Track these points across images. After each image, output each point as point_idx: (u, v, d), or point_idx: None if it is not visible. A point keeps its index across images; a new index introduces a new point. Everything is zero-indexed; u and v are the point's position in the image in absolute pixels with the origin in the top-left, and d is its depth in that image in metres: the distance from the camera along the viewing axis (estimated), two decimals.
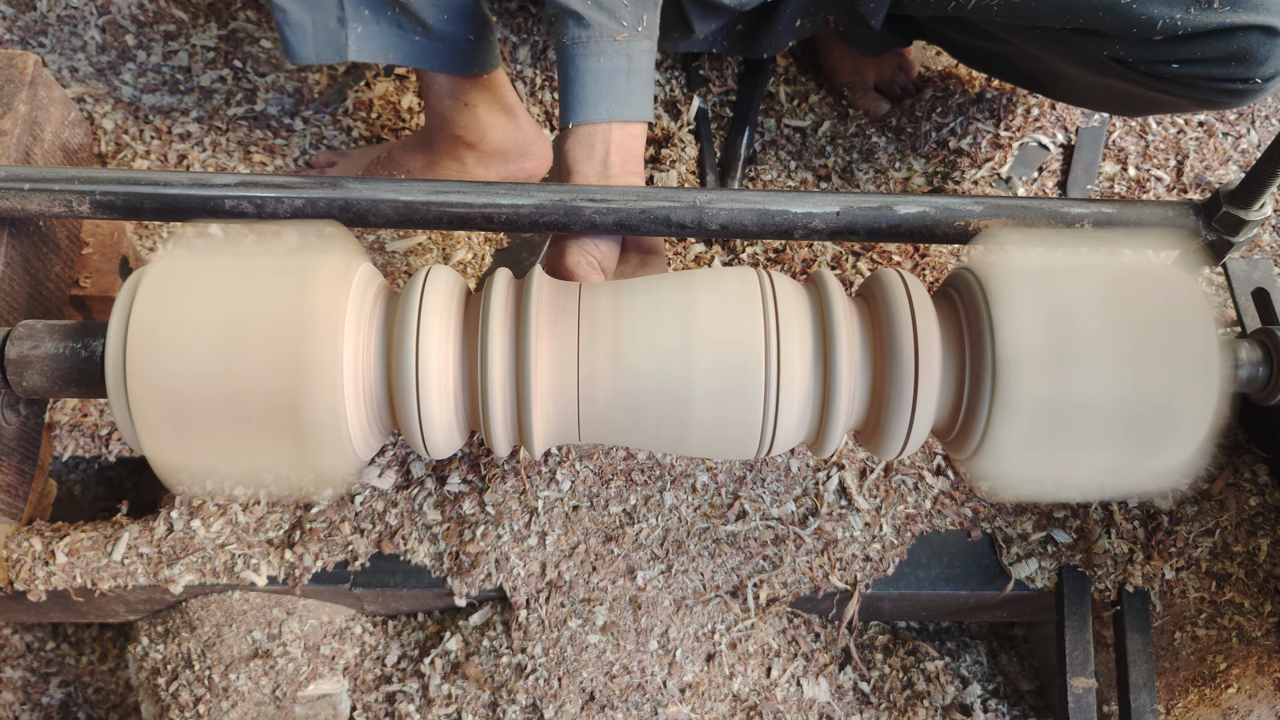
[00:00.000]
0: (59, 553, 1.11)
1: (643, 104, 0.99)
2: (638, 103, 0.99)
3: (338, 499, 1.15)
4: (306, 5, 1.10)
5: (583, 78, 0.97)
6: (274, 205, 0.95)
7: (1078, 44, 1.05)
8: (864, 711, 1.20)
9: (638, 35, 0.98)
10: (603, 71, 0.97)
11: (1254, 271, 1.10)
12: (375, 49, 1.14)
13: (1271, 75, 0.97)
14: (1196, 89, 1.02)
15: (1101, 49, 1.02)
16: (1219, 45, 0.96)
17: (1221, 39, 0.95)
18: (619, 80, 0.97)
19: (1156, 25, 0.96)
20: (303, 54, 1.13)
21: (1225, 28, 0.94)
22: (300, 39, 1.12)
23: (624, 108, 0.97)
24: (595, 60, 0.96)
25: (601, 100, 0.97)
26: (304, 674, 1.16)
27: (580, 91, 0.97)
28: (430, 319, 0.77)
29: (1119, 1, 0.97)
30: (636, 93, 0.99)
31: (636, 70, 0.99)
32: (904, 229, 0.97)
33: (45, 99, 1.07)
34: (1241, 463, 1.15)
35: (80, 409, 1.20)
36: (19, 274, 1.00)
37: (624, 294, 0.83)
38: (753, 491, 1.16)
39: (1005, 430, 0.77)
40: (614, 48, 0.97)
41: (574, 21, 0.96)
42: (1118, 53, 1.01)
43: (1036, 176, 1.42)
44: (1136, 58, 1.01)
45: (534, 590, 1.13)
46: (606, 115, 0.97)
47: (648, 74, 1.00)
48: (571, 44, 0.97)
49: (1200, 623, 1.11)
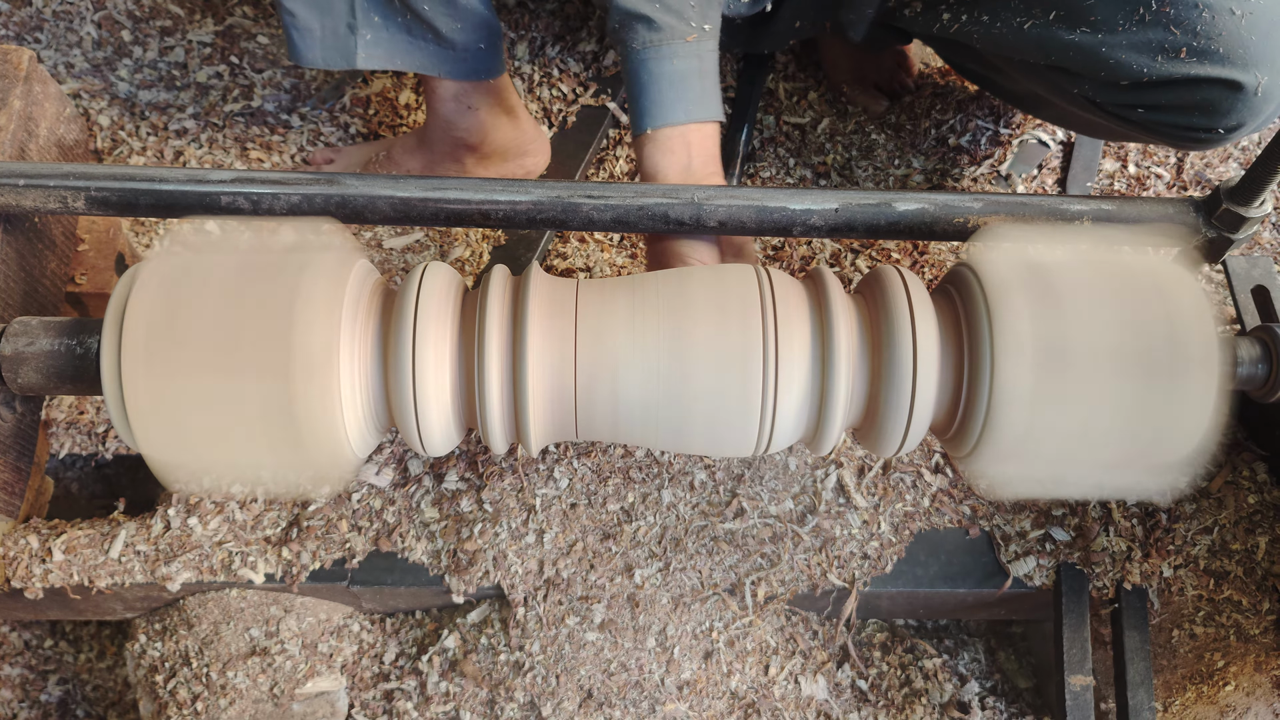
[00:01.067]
0: (56, 550, 1.11)
1: (716, 103, 1.00)
2: (711, 102, 0.99)
3: (335, 497, 1.14)
4: (316, 9, 1.09)
5: (658, 82, 0.97)
6: (270, 201, 0.94)
7: (1053, 79, 1.06)
8: (862, 709, 1.20)
9: (705, 35, 0.98)
10: (677, 74, 0.97)
11: (1254, 269, 1.10)
12: (384, 55, 1.13)
13: (1234, 126, 0.97)
14: (1160, 134, 1.03)
15: (1073, 87, 1.03)
16: (1184, 95, 0.96)
17: (1186, 89, 0.95)
18: (693, 81, 0.98)
19: (1124, 71, 0.96)
20: (310, 58, 1.12)
21: (1190, 79, 0.94)
22: (308, 43, 1.11)
23: (700, 108, 0.98)
24: (669, 63, 0.97)
25: (679, 103, 0.97)
26: (302, 672, 1.16)
27: (657, 96, 0.97)
28: (427, 316, 0.77)
29: (1089, 45, 0.97)
30: (709, 92, 0.99)
31: (707, 71, 0.99)
32: (903, 226, 0.96)
33: (40, 94, 1.07)
34: (1240, 460, 1.15)
35: (77, 406, 1.20)
36: (14, 270, 1.00)
37: (622, 291, 0.82)
38: (751, 489, 1.16)
39: (1004, 427, 0.76)
40: (685, 49, 0.97)
41: (644, 25, 0.96)
42: (1087, 92, 1.02)
43: (1036, 174, 1.42)
44: (1104, 100, 1.02)
45: (532, 588, 1.13)
46: (684, 117, 0.97)
47: (716, 73, 1.01)
48: (643, 48, 0.96)
49: (1198, 620, 1.11)
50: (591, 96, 1.45)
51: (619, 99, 1.45)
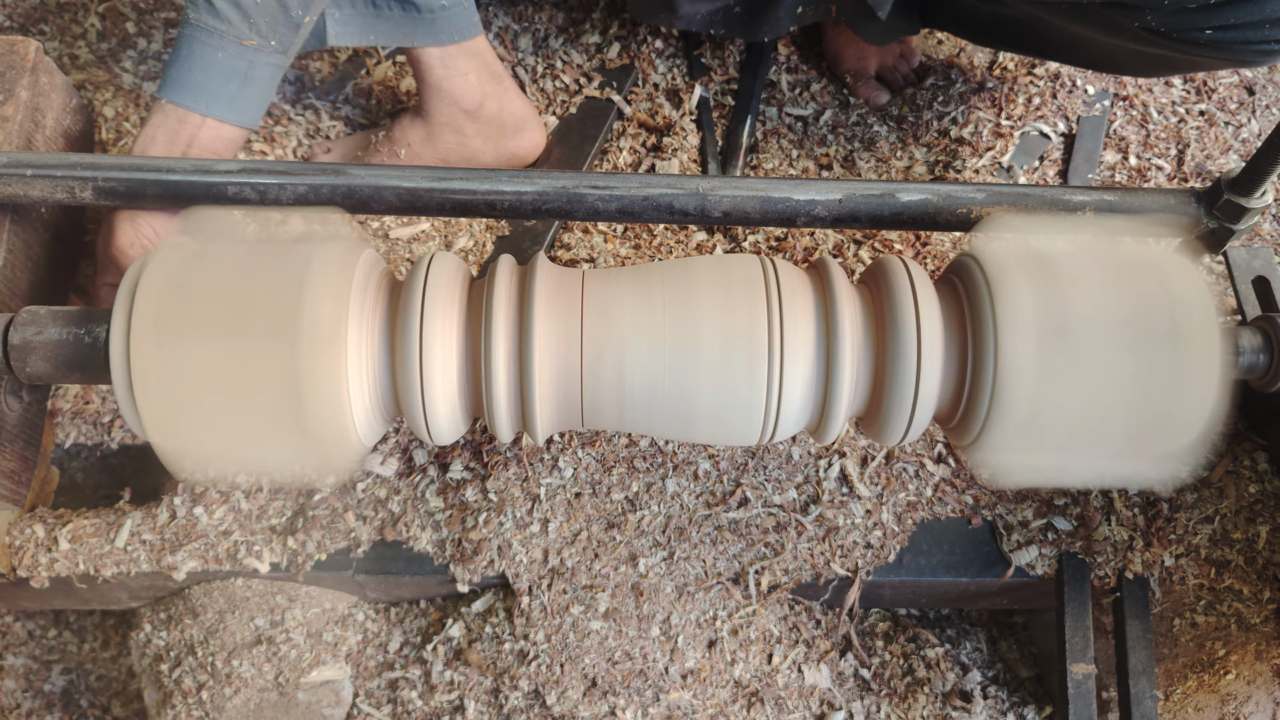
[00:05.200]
0: (62, 539, 1.11)
1: (250, 111, 1.08)
2: (243, 106, 1.07)
3: (340, 486, 1.15)
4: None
5: (193, 61, 1.04)
6: (277, 192, 0.95)
7: (1107, 15, 1.05)
8: (864, 698, 1.21)
9: (266, 50, 1.05)
10: (217, 65, 1.04)
11: (1254, 260, 1.10)
12: (355, 32, 1.16)
13: None
14: (1231, 51, 1.04)
15: (1132, 20, 1.03)
16: (1252, 10, 0.97)
17: (1255, 3, 0.97)
18: (231, 81, 1.05)
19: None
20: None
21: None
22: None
23: (225, 108, 1.05)
24: (215, 53, 1.03)
25: (203, 93, 1.05)
26: (306, 661, 1.16)
27: (187, 74, 1.04)
28: (434, 304, 0.78)
29: None
30: (247, 98, 1.07)
31: (255, 79, 1.06)
32: (906, 216, 0.97)
33: (47, 85, 1.07)
34: (1241, 450, 1.16)
35: (83, 396, 1.20)
36: (21, 260, 1.00)
37: (627, 281, 0.83)
38: (754, 479, 1.17)
39: (1009, 407, 0.77)
40: (237, 49, 1.04)
41: (207, 6, 1.02)
42: (1149, 23, 1.02)
43: (1038, 166, 1.42)
44: (1169, 27, 1.02)
45: (536, 577, 1.14)
46: (203, 109, 1.05)
47: (264, 87, 1.08)
48: (197, 24, 1.03)
49: (1199, 609, 1.12)
50: (595, 88, 1.45)
51: (624, 91, 1.45)
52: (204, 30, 0.99)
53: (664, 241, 1.32)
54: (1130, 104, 1.48)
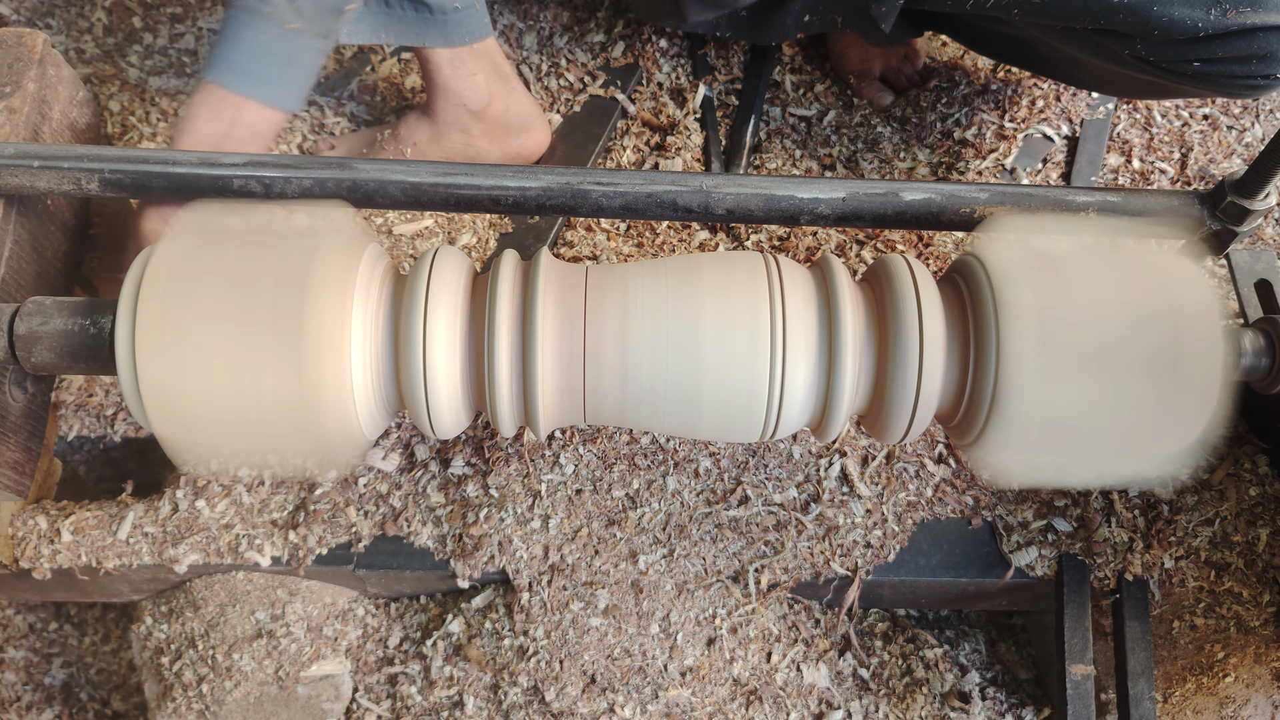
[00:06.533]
0: (65, 531, 1.12)
1: (291, 94, 1.07)
2: (285, 90, 1.06)
3: (342, 480, 1.15)
4: None
5: (239, 43, 1.03)
6: (282, 185, 0.95)
7: (1099, 41, 1.06)
8: (863, 697, 1.21)
9: (308, 34, 1.04)
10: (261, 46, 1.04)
11: (1257, 263, 1.10)
12: (366, 30, 1.16)
13: None
14: (1217, 84, 1.05)
15: (1123, 48, 1.04)
16: (1239, 45, 0.98)
17: (1242, 39, 0.98)
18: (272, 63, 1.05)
19: (1178, 28, 0.98)
20: None
21: (1247, 29, 0.97)
22: None
23: (267, 89, 1.05)
24: (261, 35, 1.03)
25: (247, 76, 1.04)
26: (306, 655, 1.17)
27: (234, 55, 1.04)
28: (438, 298, 0.78)
29: (1140, 4, 0.98)
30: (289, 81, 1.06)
31: (296, 62, 1.05)
32: (910, 215, 0.97)
33: (54, 78, 1.08)
34: (1242, 453, 1.16)
35: (86, 389, 1.21)
36: (26, 251, 1.00)
37: (631, 277, 0.83)
38: (755, 477, 1.17)
39: (1010, 405, 0.77)
40: (281, 32, 1.03)
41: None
42: (1139, 52, 1.03)
43: (1041, 168, 1.42)
44: (1158, 57, 1.03)
45: (536, 573, 1.14)
46: (247, 91, 1.05)
47: (306, 70, 1.07)
48: (245, 5, 1.02)
49: (1199, 612, 1.12)
50: (600, 87, 1.45)
51: (628, 90, 1.46)
52: (248, 12, 1.00)
53: (667, 240, 1.33)
54: (1134, 107, 1.48)
